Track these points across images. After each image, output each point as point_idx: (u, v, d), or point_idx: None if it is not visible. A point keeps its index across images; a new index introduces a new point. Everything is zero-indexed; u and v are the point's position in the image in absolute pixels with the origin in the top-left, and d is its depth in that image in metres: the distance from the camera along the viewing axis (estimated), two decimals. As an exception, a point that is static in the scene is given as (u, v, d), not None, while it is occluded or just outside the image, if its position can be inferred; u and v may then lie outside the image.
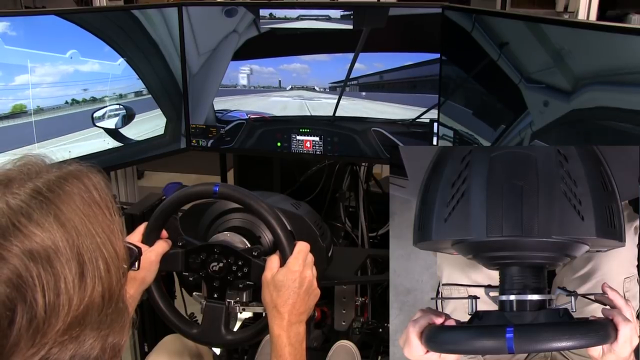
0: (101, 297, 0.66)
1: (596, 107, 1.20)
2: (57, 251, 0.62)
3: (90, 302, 0.64)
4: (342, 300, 1.83)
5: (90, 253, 0.65)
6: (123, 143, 1.86)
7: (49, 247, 0.62)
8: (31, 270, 0.61)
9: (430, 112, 1.78)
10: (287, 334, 1.08)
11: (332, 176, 2.20)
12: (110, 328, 0.67)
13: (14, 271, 0.60)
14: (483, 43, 1.51)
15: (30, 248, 0.61)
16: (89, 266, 0.64)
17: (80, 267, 0.64)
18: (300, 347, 1.10)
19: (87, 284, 0.64)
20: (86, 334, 0.64)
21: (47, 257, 0.62)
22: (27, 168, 0.68)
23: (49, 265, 0.62)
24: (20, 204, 0.63)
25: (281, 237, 1.15)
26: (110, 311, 0.67)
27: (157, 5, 1.85)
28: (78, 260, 0.64)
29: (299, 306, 1.10)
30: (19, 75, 1.60)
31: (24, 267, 0.60)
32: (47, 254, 0.62)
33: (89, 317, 0.64)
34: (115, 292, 0.68)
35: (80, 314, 0.63)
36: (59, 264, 0.62)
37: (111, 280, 0.67)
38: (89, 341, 0.65)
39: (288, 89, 1.89)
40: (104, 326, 0.66)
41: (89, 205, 0.67)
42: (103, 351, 0.67)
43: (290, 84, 1.88)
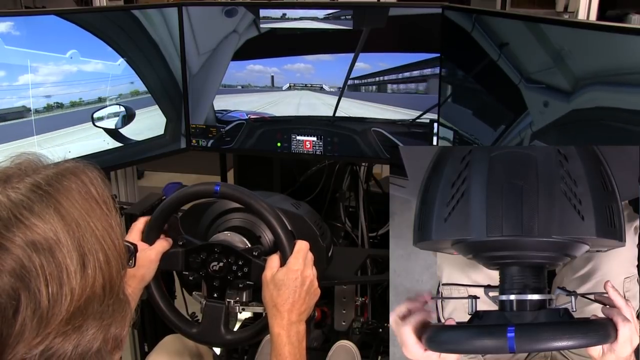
0: (102, 288, 0.67)
1: (596, 108, 1.20)
2: (58, 242, 0.63)
3: (91, 292, 0.65)
4: (342, 300, 1.83)
5: (91, 245, 0.66)
6: (123, 143, 1.86)
7: (51, 238, 0.63)
8: (34, 260, 0.61)
9: (430, 113, 1.78)
10: (287, 333, 1.09)
11: (332, 176, 2.20)
12: (112, 318, 0.68)
13: (18, 262, 0.61)
14: (483, 43, 1.51)
15: (32, 239, 0.62)
16: (90, 257, 0.65)
17: (82, 258, 0.65)
18: (300, 346, 1.10)
19: (88, 274, 0.65)
20: (88, 324, 0.65)
21: (49, 248, 0.63)
22: (25, 165, 0.69)
23: (51, 255, 0.63)
24: (21, 197, 0.64)
25: (281, 236, 1.15)
26: (112, 302, 0.68)
27: (157, 5, 1.85)
28: (79, 252, 0.64)
29: (299, 305, 1.10)
30: (19, 75, 1.60)
31: (27, 258, 0.61)
32: (49, 245, 0.63)
33: (91, 308, 0.65)
34: (115, 283, 0.69)
35: (83, 304, 0.64)
36: (61, 255, 0.63)
37: (111, 272, 0.68)
38: (91, 331, 0.66)
39: (288, 89, 1.89)
40: (105, 316, 0.67)
41: (86, 200, 0.68)
42: (105, 342, 0.68)
43: (290, 84, 1.88)
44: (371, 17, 1.75)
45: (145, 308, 1.77)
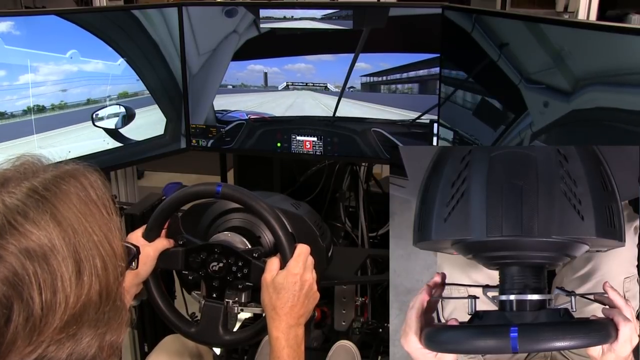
0: (98, 295, 0.66)
1: (596, 108, 1.20)
2: (53, 249, 0.62)
3: (87, 300, 0.64)
4: (342, 300, 1.83)
5: (87, 251, 0.65)
6: (123, 143, 1.86)
7: (46, 245, 0.62)
8: (27, 268, 0.61)
9: (430, 113, 1.78)
10: (286, 337, 1.08)
11: (332, 176, 2.20)
12: (107, 326, 0.67)
13: (11, 269, 0.60)
14: (483, 43, 1.51)
15: (26, 246, 0.61)
16: (86, 264, 0.64)
17: (77, 265, 0.64)
18: (298, 349, 1.10)
19: (84, 281, 0.64)
20: (83, 332, 0.64)
21: (44, 255, 0.62)
22: (24, 168, 0.69)
23: (46, 263, 0.62)
24: (17, 203, 0.63)
25: (282, 239, 1.15)
26: (108, 309, 0.67)
27: (157, 5, 1.85)
28: (75, 258, 0.64)
29: (298, 309, 1.10)
30: (19, 75, 1.60)
31: (20, 265, 0.60)
32: (44, 252, 0.62)
33: (86, 315, 0.64)
34: (112, 290, 0.68)
35: (77, 312, 0.63)
36: (56, 262, 0.62)
37: (108, 278, 0.67)
38: (86, 339, 0.65)
39: (288, 89, 1.89)
40: (101, 324, 0.66)
41: (85, 204, 0.67)
42: (101, 349, 0.67)
43: (290, 84, 1.88)
44: (371, 17, 1.75)
45: (145, 308, 1.77)
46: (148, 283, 1.24)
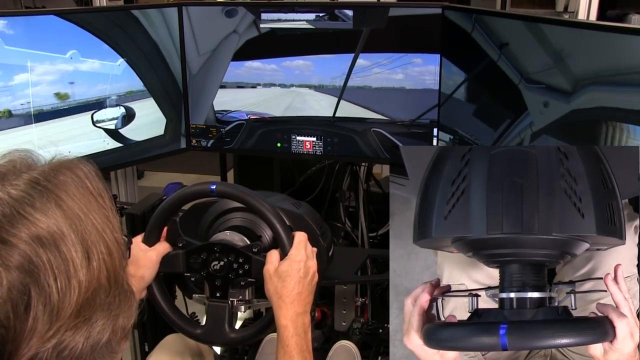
0: (107, 279, 0.67)
1: (596, 108, 1.20)
2: (63, 236, 0.64)
3: (97, 284, 0.66)
4: (342, 300, 1.83)
5: (93, 237, 0.66)
6: (123, 143, 1.86)
7: (55, 232, 0.63)
8: (41, 255, 0.62)
9: (430, 113, 1.78)
10: (294, 324, 1.09)
11: (332, 176, 2.20)
12: (119, 309, 0.69)
13: (25, 257, 0.61)
14: (483, 43, 1.52)
15: (37, 234, 0.62)
16: (93, 249, 0.66)
17: (86, 251, 0.65)
18: (305, 337, 1.10)
19: (93, 266, 0.66)
20: (97, 316, 0.66)
21: (55, 242, 0.63)
22: (17, 163, 0.70)
23: (57, 249, 0.63)
24: (22, 194, 0.64)
25: (279, 229, 1.16)
26: (117, 292, 0.69)
27: (157, 5, 1.85)
28: (83, 245, 0.65)
29: (305, 296, 1.11)
30: (19, 75, 1.60)
31: (34, 253, 0.62)
32: (54, 239, 0.63)
33: (98, 299, 0.66)
34: (119, 274, 0.70)
35: (90, 296, 0.65)
36: (66, 248, 0.64)
37: (114, 263, 0.69)
38: (100, 322, 0.66)
39: (288, 89, 1.89)
40: (113, 307, 0.68)
41: (84, 195, 0.69)
42: (114, 332, 0.69)
43: (290, 84, 1.88)
44: (371, 17, 1.75)
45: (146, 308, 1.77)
46: (151, 286, 1.24)
